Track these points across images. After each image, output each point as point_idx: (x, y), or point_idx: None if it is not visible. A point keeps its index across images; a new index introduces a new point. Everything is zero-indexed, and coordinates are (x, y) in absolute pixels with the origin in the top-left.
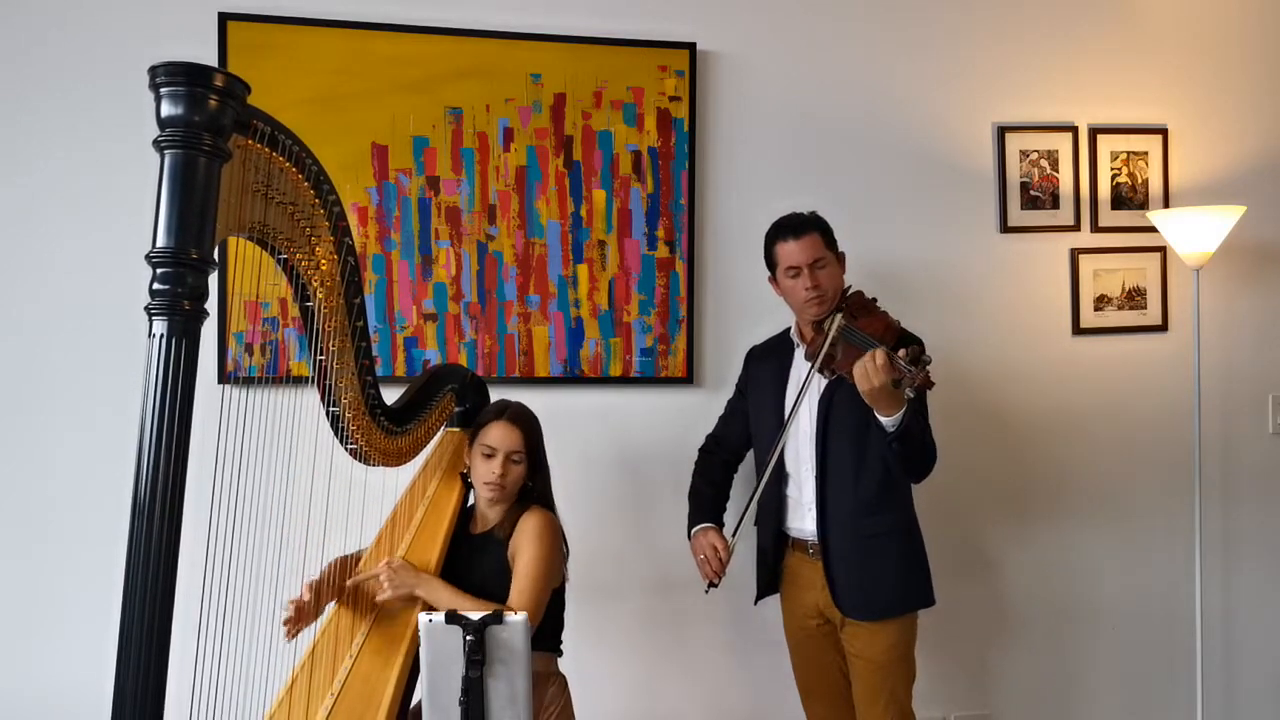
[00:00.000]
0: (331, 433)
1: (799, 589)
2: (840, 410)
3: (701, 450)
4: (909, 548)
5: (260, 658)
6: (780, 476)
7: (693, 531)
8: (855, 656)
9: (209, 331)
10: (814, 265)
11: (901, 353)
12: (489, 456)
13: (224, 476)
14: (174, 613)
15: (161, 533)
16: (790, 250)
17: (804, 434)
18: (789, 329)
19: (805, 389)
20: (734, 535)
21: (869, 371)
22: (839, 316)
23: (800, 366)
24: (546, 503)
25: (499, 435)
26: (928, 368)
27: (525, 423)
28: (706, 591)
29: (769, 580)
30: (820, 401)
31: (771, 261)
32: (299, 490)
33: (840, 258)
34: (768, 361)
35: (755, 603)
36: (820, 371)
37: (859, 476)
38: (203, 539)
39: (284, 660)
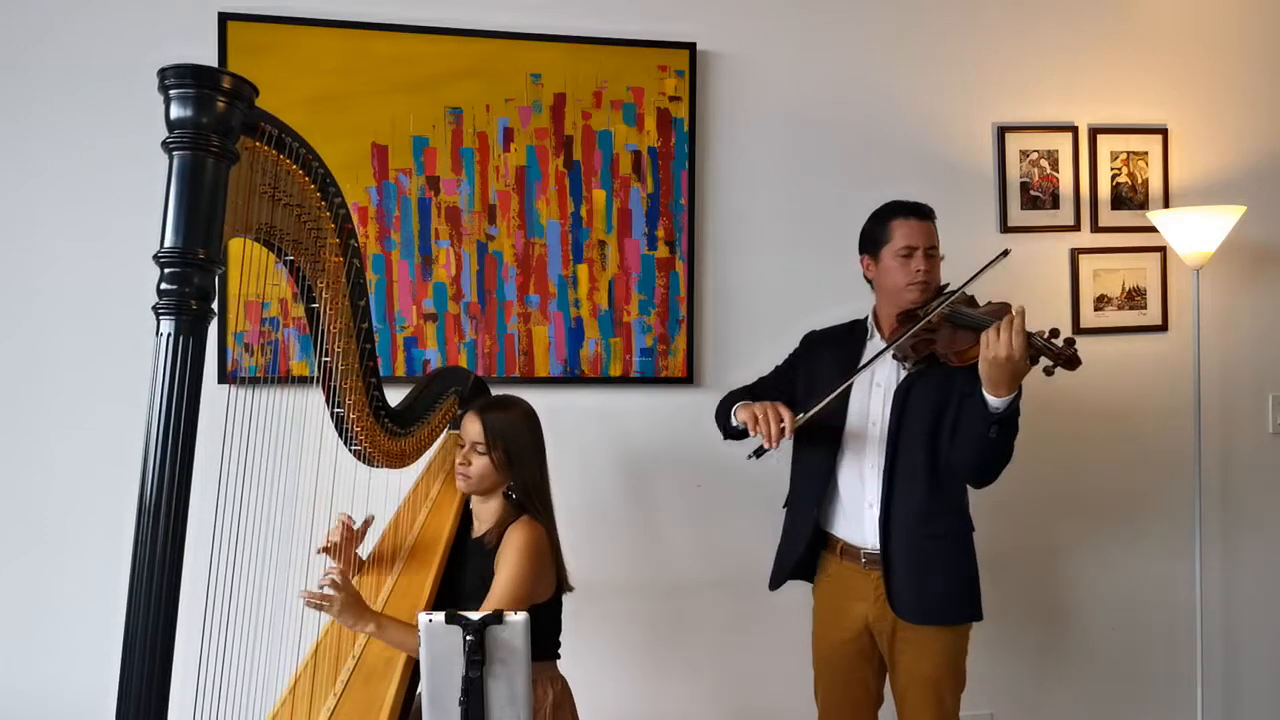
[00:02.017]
0: (335, 434)
1: (845, 600)
2: (916, 409)
3: (730, 393)
4: (966, 556)
5: (263, 658)
6: (829, 477)
7: (738, 404)
8: (904, 671)
9: (210, 332)
10: (929, 251)
11: (1046, 331)
12: (461, 447)
13: (228, 477)
14: (178, 613)
15: (166, 533)
16: (913, 229)
17: (874, 429)
18: (858, 320)
19: (877, 380)
20: (803, 415)
21: (1004, 339)
22: (944, 302)
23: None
24: (537, 509)
25: (466, 425)
26: (1074, 348)
27: (490, 414)
28: (753, 456)
29: (793, 568)
30: (896, 393)
31: (879, 239)
32: (303, 491)
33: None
34: (834, 348)
35: (773, 588)
36: (903, 359)
37: (928, 480)
38: (207, 539)
39: (287, 661)
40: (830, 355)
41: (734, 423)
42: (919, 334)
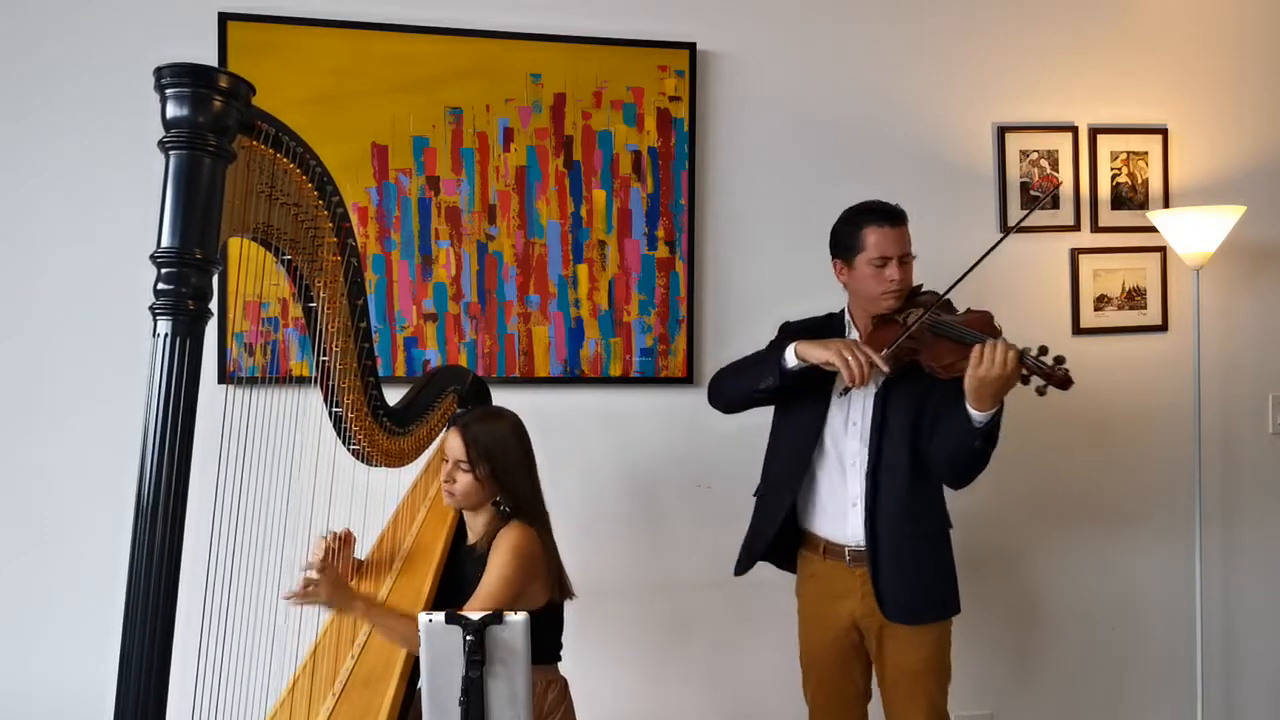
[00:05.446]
0: (334, 433)
1: (831, 599)
2: (897, 408)
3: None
4: (946, 554)
5: (262, 658)
6: (805, 474)
7: (797, 344)
8: (891, 665)
9: (210, 332)
10: (903, 259)
11: (1035, 349)
12: (445, 463)
13: (226, 477)
14: (176, 614)
15: (164, 533)
16: (886, 238)
17: (853, 428)
18: (833, 313)
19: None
20: (888, 349)
21: (996, 359)
22: (922, 311)
23: None
24: (531, 516)
25: (448, 443)
26: (1065, 366)
27: (470, 430)
28: (842, 395)
29: (759, 556)
30: (877, 397)
31: (853, 246)
32: (301, 491)
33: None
34: (812, 338)
35: (738, 574)
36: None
37: (911, 478)
38: (205, 539)
39: (286, 660)
40: None
41: (790, 364)
42: (902, 346)
